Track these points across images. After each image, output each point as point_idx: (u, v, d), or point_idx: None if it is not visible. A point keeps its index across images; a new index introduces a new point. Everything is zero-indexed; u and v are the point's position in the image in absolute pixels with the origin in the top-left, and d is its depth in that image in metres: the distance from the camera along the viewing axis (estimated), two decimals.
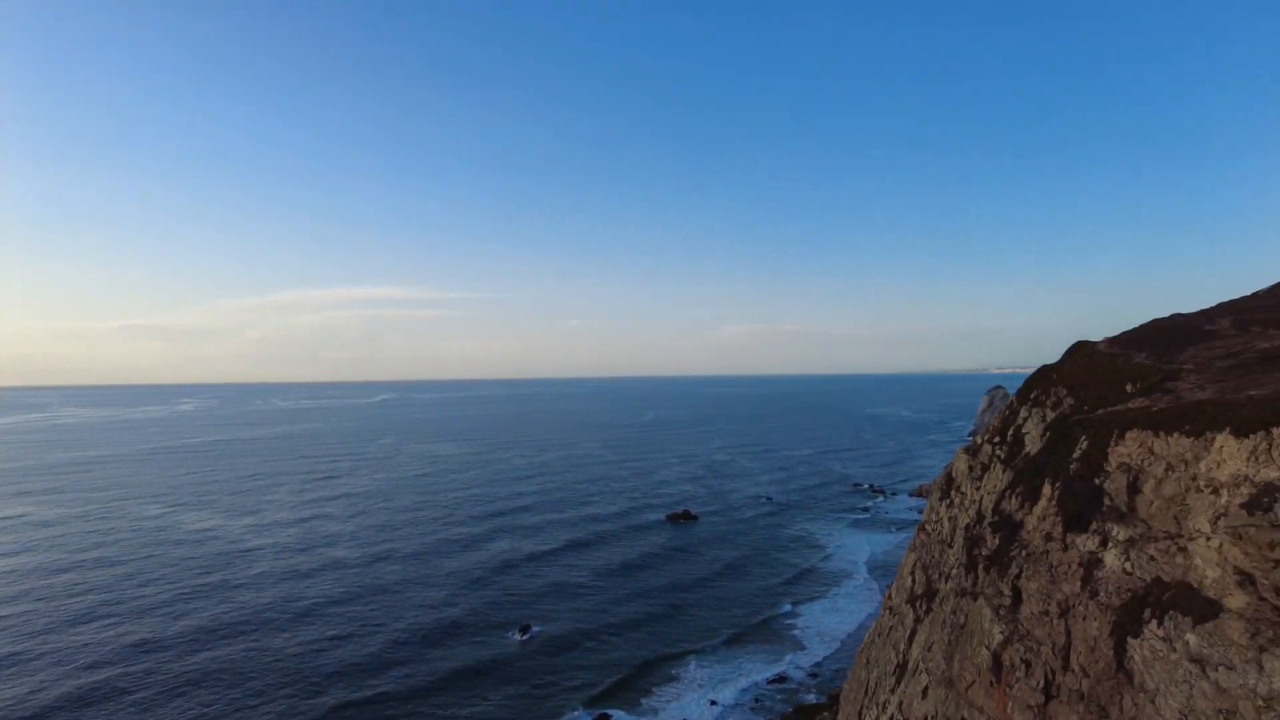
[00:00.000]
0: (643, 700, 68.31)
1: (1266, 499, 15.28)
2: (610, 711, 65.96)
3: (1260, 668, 14.06)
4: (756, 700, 68.34)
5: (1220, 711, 14.74)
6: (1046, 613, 22.59)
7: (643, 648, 79.48)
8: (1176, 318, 47.68)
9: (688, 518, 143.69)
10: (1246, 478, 16.24)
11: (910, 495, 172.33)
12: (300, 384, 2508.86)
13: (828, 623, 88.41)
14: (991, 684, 24.57)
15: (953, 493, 44.51)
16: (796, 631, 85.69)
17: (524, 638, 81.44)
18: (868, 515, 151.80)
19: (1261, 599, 14.90)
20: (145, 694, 66.31)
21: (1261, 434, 16.27)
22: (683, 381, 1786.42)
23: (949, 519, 43.42)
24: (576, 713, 65.65)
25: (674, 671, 74.26)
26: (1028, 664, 22.59)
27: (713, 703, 67.77)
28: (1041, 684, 21.66)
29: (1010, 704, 23.01)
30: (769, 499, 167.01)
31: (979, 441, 44.47)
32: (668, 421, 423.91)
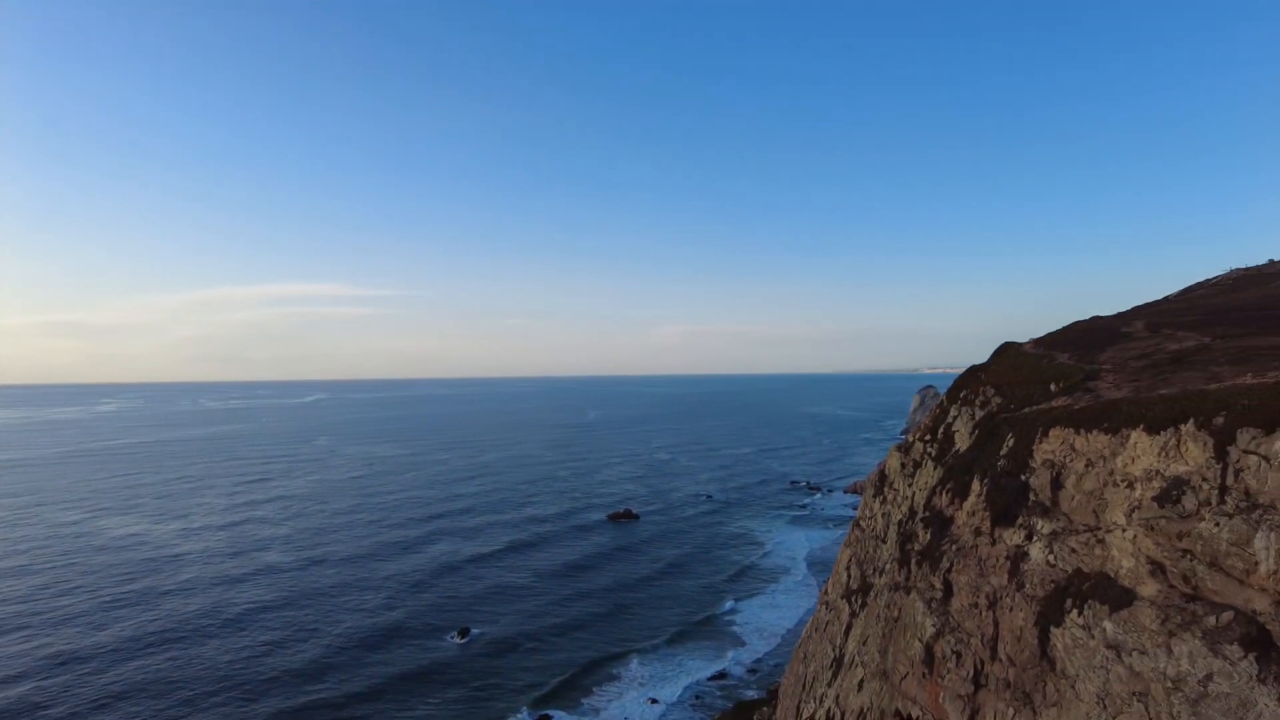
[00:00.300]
0: (584, 700, 68.32)
1: (1175, 492, 16.21)
2: (552, 712, 65.76)
3: (1169, 651, 14.93)
4: (697, 697, 69.01)
5: (1134, 694, 15.59)
6: (976, 605, 23.46)
7: (584, 648, 79.46)
8: (1096, 320, 49.96)
9: (629, 517, 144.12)
10: (1158, 472, 17.20)
11: (845, 492, 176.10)
12: (230, 383, 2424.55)
13: (767, 619, 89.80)
14: (924, 675, 25.40)
15: (886, 489, 45.74)
16: (737, 628, 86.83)
17: (464, 640, 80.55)
18: (805, 512, 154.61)
19: (1171, 586, 15.82)
20: (63, 709, 63.38)
21: (1171, 431, 17.25)
22: (623, 381, 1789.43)
23: (883, 515, 44.61)
24: (519, 714, 65.24)
25: (615, 671, 74.46)
26: (958, 655, 23.44)
27: (653, 701, 68.17)
28: (971, 674, 22.51)
29: (942, 694, 23.83)
30: (709, 497, 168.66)
31: (911, 439, 45.79)
32: (609, 421, 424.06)
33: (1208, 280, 57.99)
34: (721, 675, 73.83)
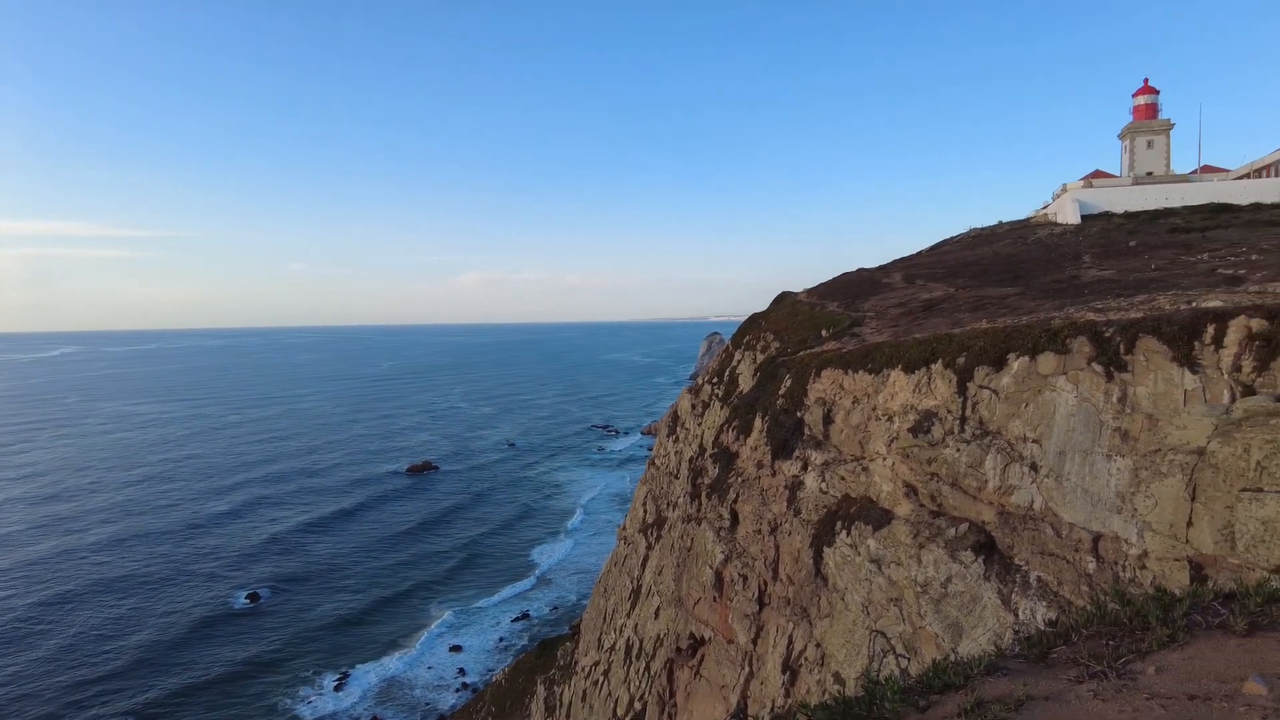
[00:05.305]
0: (385, 654, 67.13)
1: (925, 424, 18.49)
2: (351, 668, 63.99)
3: (919, 561, 17.19)
4: (500, 640, 69.94)
5: (891, 600, 17.85)
6: (759, 531, 25.55)
7: (385, 602, 77.62)
8: (861, 272, 54.95)
9: (429, 468, 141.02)
10: (912, 407, 19.48)
11: (642, 433, 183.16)
12: None
13: (570, 559, 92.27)
14: (715, 599, 27.40)
15: (678, 429, 48.21)
16: (540, 570, 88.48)
17: (254, 604, 75.86)
18: (605, 455, 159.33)
19: (921, 506, 18.14)
20: None
21: (923, 370, 19.55)
22: (420, 330, 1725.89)
23: (675, 453, 47.05)
24: (316, 672, 62.87)
25: (418, 622, 73.58)
26: (744, 578, 25.49)
27: (456, 649, 68.23)
28: (756, 594, 24.60)
29: (730, 615, 25.88)
30: (511, 444, 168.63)
31: (700, 382, 48.43)
32: (404, 372, 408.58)
33: (952, 237, 65.53)
34: (525, 616, 75.23)
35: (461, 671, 64.58)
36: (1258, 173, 60.65)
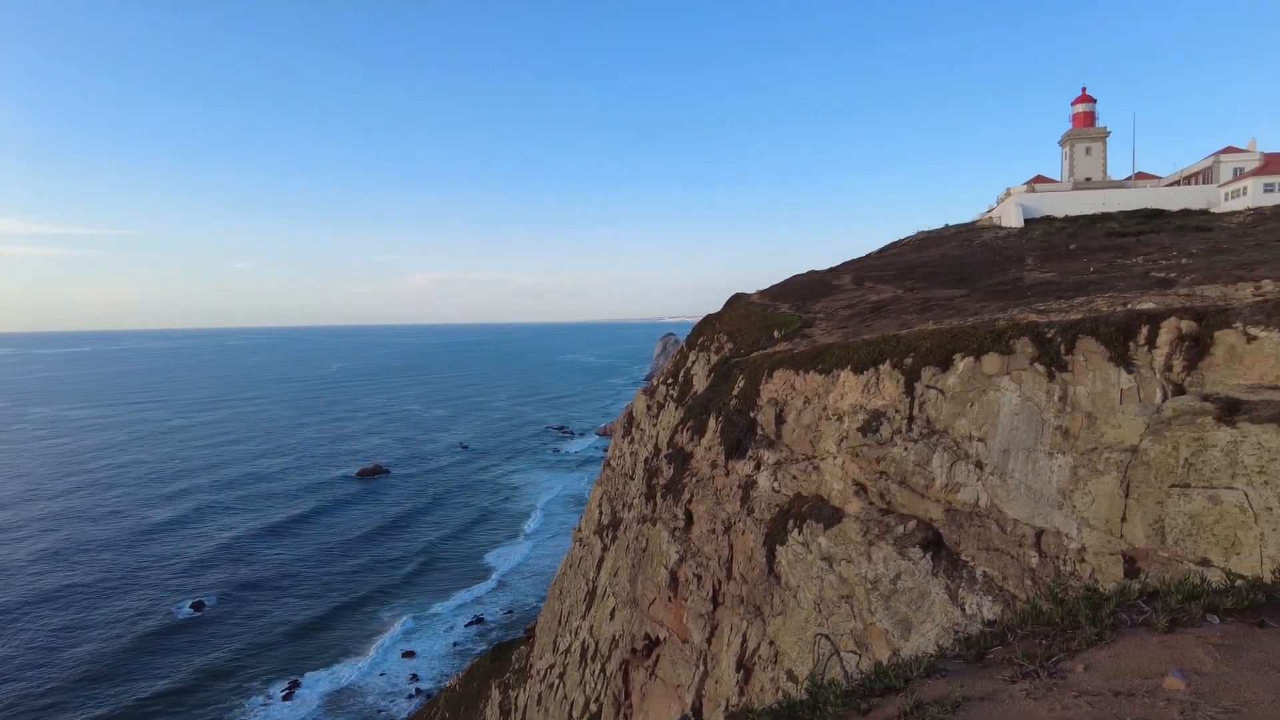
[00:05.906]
0: (338, 661, 66.01)
1: (874, 423, 18.83)
2: (301, 677, 62.72)
3: (869, 558, 17.50)
4: (454, 645, 69.25)
5: (842, 597, 18.14)
6: (713, 531, 25.72)
7: (336, 610, 76.22)
8: (812, 274, 55.73)
9: (379, 472, 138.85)
10: (861, 407, 19.82)
11: (598, 434, 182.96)
12: None
13: (524, 562, 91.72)
14: (669, 599, 27.51)
15: (634, 430, 48.29)
16: (495, 574, 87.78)
17: (200, 614, 73.83)
18: (561, 456, 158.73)
19: (871, 504, 18.47)
20: None
21: (871, 370, 19.92)
22: (369, 331, 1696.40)
23: (630, 454, 47.12)
24: (266, 684, 61.47)
25: (370, 629, 72.45)
26: (699, 578, 25.63)
27: (409, 655, 67.39)
28: (710, 593, 24.76)
29: (685, 615, 26.00)
30: (465, 447, 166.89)
31: (655, 383, 48.59)
32: (355, 373, 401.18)
33: (900, 240, 66.81)
34: (480, 620, 74.62)
35: (415, 677, 63.70)
36: (1187, 180, 63.12)
